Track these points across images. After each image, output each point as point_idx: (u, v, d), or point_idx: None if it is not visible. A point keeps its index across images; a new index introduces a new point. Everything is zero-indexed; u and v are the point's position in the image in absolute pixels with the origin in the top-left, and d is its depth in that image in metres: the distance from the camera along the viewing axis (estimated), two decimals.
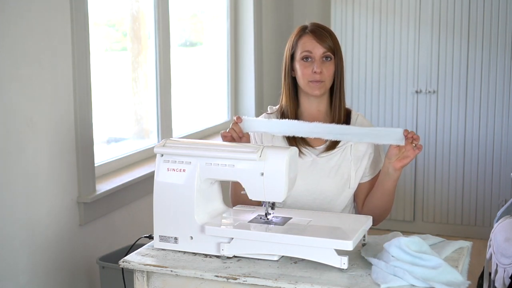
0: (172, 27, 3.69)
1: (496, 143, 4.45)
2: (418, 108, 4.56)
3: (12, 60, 2.43)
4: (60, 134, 2.68)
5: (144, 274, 1.87)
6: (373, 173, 2.30)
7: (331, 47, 2.26)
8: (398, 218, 4.71)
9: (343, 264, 1.73)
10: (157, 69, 3.59)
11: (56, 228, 2.68)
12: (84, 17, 2.79)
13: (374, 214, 2.19)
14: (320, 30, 2.28)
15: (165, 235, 1.94)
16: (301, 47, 2.27)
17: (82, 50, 2.78)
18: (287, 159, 1.85)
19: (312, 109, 2.33)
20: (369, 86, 4.65)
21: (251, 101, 4.58)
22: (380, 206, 2.23)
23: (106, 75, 3.31)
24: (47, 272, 2.64)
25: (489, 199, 4.50)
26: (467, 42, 4.42)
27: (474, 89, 4.44)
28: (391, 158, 2.09)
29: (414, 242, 1.75)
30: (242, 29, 4.53)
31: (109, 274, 2.70)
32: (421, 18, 4.49)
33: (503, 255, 2.73)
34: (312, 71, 2.24)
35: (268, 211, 1.93)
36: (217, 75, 4.51)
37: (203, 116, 4.33)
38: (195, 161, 1.91)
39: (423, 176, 4.62)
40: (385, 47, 4.58)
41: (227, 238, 1.85)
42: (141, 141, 3.59)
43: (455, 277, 1.68)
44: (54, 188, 2.66)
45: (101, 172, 3.09)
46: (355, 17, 4.63)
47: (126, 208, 3.15)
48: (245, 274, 1.75)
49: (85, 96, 2.81)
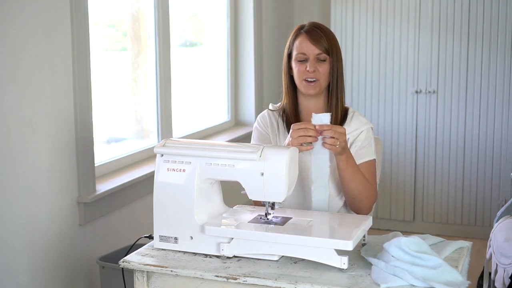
0: (172, 27, 3.69)
1: (496, 143, 4.45)
2: (418, 108, 4.56)
3: (12, 60, 2.43)
4: (60, 134, 2.68)
5: (144, 274, 1.87)
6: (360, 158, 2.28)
7: (326, 48, 2.26)
8: (398, 218, 4.71)
9: (343, 264, 1.73)
10: (157, 69, 3.59)
11: (56, 228, 2.68)
12: (84, 17, 2.79)
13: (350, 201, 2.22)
14: (315, 31, 2.28)
15: (165, 235, 1.94)
16: (297, 48, 2.29)
17: (82, 50, 2.78)
18: (287, 159, 1.86)
19: (310, 107, 2.34)
20: (369, 86, 4.65)
21: (251, 101, 4.58)
22: (350, 192, 2.22)
23: (106, 75, 3.31)
24: (47, 272, 2.64)
25: (489, 199, 4.50)
26: (467, 42, 4.42)
27: (474, 89, 4.44)
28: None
29: (414, 242, 1.75)
30: (242, 29, 4.53)
31: (109, 274, 2.70)
32: (421, 18, 4.49)
33: (503, 255, 2.73)
34: (306, 70, 2.26)
35: (268, 211, 1.93)
36: (217, 75, 4.51)
37: (203, 116, 4.32)
38: (195, 161, 1.91)
39: (423, 176, 4.62)
40: (385, 47, 4.58)
41: (227, 238, 1.85)
42: (141, 141, 3.59)
43: (455, 277, 1.68)
44: (54, 188, 2.66)
45: (101, 172, 3.09)
46: (355, 17, 4.63)
47: (126, 208, 3.15)
48: (245, 274, 1.75)
49: (85, 96, 2.81)
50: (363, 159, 2.29)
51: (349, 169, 2.17)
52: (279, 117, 2.38)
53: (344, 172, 2.17)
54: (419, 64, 4.52)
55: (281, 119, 2.38)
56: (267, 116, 2.41)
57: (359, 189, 2.20)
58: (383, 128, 4.64)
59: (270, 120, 2.39)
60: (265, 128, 2.39)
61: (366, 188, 2.22)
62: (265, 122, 2.40)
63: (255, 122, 2.44)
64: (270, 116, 2.40)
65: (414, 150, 4.61)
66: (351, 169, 2.17)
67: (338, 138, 2.07)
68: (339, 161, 2.15)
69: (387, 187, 4.67)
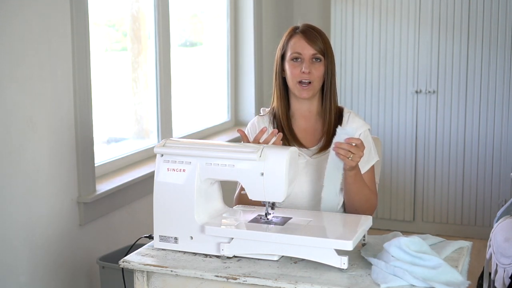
0: (172, 27, 3.69)
1: (496, 143, 4.45)
2: (418, 108, 4.56)
3: (12, 60, 2.43)
4: (60, 134, 2.68)
5: (144, 274, 1.87)
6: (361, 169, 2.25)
7: (321, 48, 2.25)
8: (398, 218, 4.71)
9: (343, 264, 1.73)
10: (157, 69, 3.59)
11: (56, 228, 2.68)
12: (84, 17, 2.79)
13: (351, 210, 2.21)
14: (310, 31, 2.27)
15: (165, 235, 1.94)
16: (291, 48, 2.26)
17: (82, 50, 2.78)
18: (287, 159, 1.86)
19: (303, 110, 2.32)
20: (369, 86, 4.65)
21: (251, 101, 4.58)
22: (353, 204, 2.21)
23: (106, 75, 3.31)
24: (47, 272, 2.64)
25: (489, 199, 4.50)
26: (467, 42, 4.42)
27: (474, 89, 4.44)
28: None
29: (414, 242, 1.75)
30: (242, 29, 4.53)
31: (109, 274, 2.70)
32: (421, 18, 4.49)
33: (503, 255, 2.73)
34: (300, 71, 2.23)
35: (268, 211, 1.93)
36: (217, 75, 4.51)
37: (203, 116, 4.32)
38: (195, 161, 1.91)
39: (423, 176, 4.62)
40: (385, 47, 4.58)
41: (227, 238, 1.85)
42: (141, 141, 3.59)
43: (455, 277, 1.68)
44: (54, 188, 2.66)
45: (101, 172, 3.09)
46: (355, 17, 4.63)
47: (126, 208, 3.15)
48: (245, 274, 1.76)
49: (85, 96, 2.81)
50: (364, 168, 2.27)
51: (355, 185, 2.16)
52: (269, 122, 2.34)
53: (351, 187, 2.16)
54: (419, 64, 4.52)
55: (271, 124, 2.34)
56: (256, 124, 2.37)
57: (361, 202, 2.20)
58: (383, 128, 4.64)
59: (259, 127, 2.33)
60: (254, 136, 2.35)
61: (369, 201, 2.22)
62: (254, 130, 2.35)
63: (245, 130, 2.41)
64: (259, 123, 2.36)
65: (414, 150, 4.61)
66: (358, 185, 2.16)
67: (354, 152, 2.04)
68: (348, 176, 2.13)
69: (387, 187, 4.67)
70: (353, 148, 2.04)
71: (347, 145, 2.04)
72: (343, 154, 2.05)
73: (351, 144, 2.04)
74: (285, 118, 2.31)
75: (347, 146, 2.03)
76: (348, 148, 2.03)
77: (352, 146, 2.04)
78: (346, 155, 2.04)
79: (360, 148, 2.05)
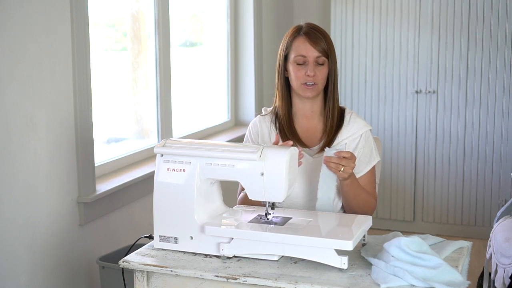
0: (172, 27, 3.69)
1: (496, 143, 4.45)
2: (418, 108, 4.56)
3: (12, 60, 2.43)
4: (60, 134, 2.68)
5: (144, 274, 1.87)
6: (362, 170, 2.28)
7: (325, 50, 2.25)
8: (398, 218, 4.71)
9: (343, 264, 1.73)
10: (157, 69, 3.59)
11: (56, 228, 2.68)
12: (84, 17, 2.79)
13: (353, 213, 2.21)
14: (314, 33, 2.26)
15: (165, 235, 1.94)
16: (295, 50, 2.26)
17: (82, 50, 2.78)
18: (287, 159, 1.86)
19: (306, 110, 2.33)
20: (369, 86, 4.65)
21: (251, 101, 4.58)
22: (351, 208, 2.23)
23: (106, 75, 3.31)
24: (47, 272, 2.64)
25: (489, 199, 4.50)
26: (467, 42, 4.42)
27: (474, 89, 4.44)
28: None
29: (414, 242, 1.75)
30: (242, 29, 4.53)
31: (109, 274, 2.70)
32: (421, 18, 4.49)
33: (503, 255, 2.73)
34: (305, 74, 2.23)
35: (268, 211, 1.93)
36: (217, 75, 4.51)
37: (203, 116, 4.32)
38: (195, 161, 1.91)
39: (423, 176, 4.62)
40: (385, 47, 4.58)
41: (227, 238, 1.85)
42: (141, 141, 3.59)
43: (455, 277, 1.68)
44: (54, 188, 2.66)
45: (101, 172, 3.09)
46: (355, 17, 4.63)
47: (126, 208, 3.15)
48: (245, 274, 1.76)
49: (85, 96, 2.81)
50: (364, 170, 2.27)
51: (352, 191, 2.17)
52: (271, 122, 2.35)
53: (347, 194, 2.18)
54: (419, 64, 4.52)
55: (273, 124, 2.34)
56: (258, 124, 2.38)
57: (360, 206, 2.21)
58: (383, 128, 4.64)
59: (260, 127, 2.36)
60: (255, 136, 2.36)
61: (367, 204, 2.23)
62: (255, 130, 2.37)
63: (247, 129, 2.42)
64: (261, 122, 2.37)
65: (414, 150, 4.61)
66: (355, 191, 2.18)
67: (344, 165, 2.06)
68: (343, 185, 2.15)
69: (387, 187, 4.67)
70: (344, 161, 2.05)
71: (337, 159, 2.05)
72: (334, 168, 2.07)
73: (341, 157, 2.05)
74: (287, 118, 2.31)
75: (337, 160, 2.05)
76: (338, 162, 2.05)
77: (342, 158, 2.05)
78: (337, 168, 2.06)
79: (351, 160, 2.06)
